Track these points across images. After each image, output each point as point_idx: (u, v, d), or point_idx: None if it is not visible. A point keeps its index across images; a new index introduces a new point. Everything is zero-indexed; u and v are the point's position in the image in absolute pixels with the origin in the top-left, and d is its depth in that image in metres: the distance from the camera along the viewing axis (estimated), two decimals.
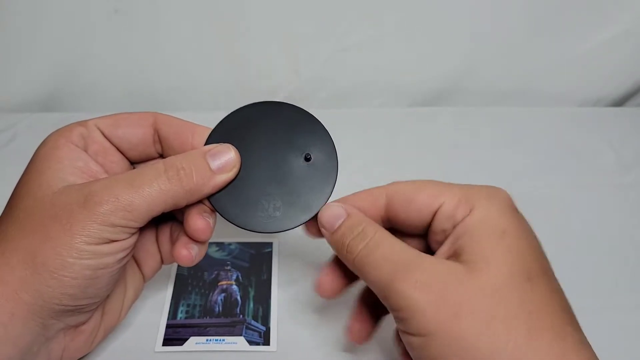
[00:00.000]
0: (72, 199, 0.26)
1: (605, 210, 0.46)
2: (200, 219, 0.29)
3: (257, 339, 0.34)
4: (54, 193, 0.27)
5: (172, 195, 0.27)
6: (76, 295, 0.27)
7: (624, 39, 0.57)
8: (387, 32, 0.57)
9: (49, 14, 0.53)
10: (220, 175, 0.29)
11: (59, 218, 0.26)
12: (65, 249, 0.26)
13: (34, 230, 0.26)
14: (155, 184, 0.27)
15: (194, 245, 0.30)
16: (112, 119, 0.31)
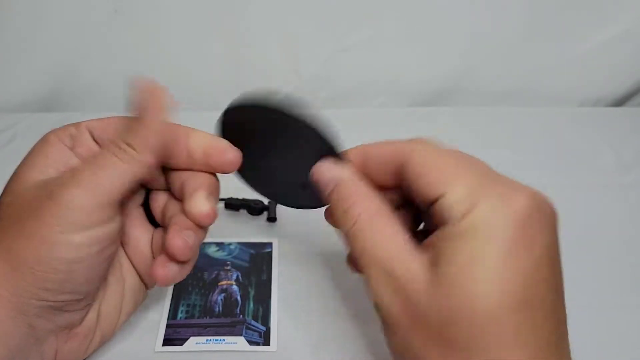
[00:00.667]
0: (43, 192, 0.26)
1: (605, 210, 0.46)
2: (179, 239, 0.28)
3: (257, 339, 0.34)
4: (30, 187, 0.27)
5: (127, 159, 0.27)
6: (54, 290, 0.26)
7: (624, 39, 0.57)
8: (387, 32, 0.57)
9: (49, 14, 0.53)
10: (153, 119, 0.28)
11: (30, 211, 0.26)
12: (38, 242, 0.25)
13: (10, 225, 0.26)
14: (106, 153, 0.27)
15: (172, 265, 0.29)
16: (103, 121, 0.30)
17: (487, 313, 0.22)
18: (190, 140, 0.29)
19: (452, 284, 0.23)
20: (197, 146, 0.29)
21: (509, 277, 0.23)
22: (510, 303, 0.22)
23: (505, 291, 0.23)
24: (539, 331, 0.23)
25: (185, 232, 0.28)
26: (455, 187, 0.25)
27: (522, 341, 0.22)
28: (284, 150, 0.31)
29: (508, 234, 0.23)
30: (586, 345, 0.25)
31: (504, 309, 0.22)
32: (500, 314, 0.22)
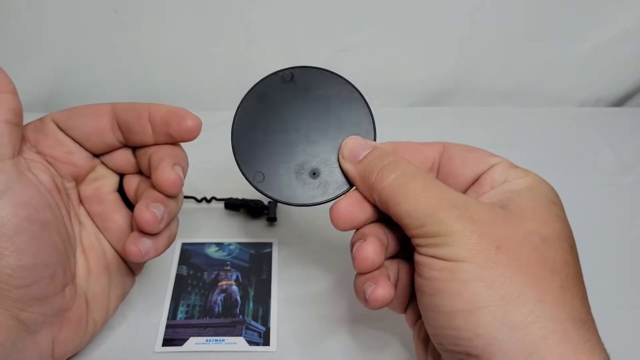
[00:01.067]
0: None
1: (605, 210, 0.46)
2: (146, 211, 0.28)
3: (257, 339, 0.34)
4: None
5: None
6: (13, 271, 0.26)
7: (624, 39, 0.57)
8: (387, 32, 0.57)
9: (49, 14, 0.53)
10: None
11: None
12: None
13: None
14: None
15: (145, 240, 0.29)
16: (67, 111, 0.32)
17: (561, 242, 0.25)
18: (150, 111, 0.30)
19: (534, 218, 0.25)
20: (156, 116, 0.30)
21: (567, 224, 0.27)
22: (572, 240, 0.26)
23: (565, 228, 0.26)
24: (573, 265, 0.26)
25: (152, 204, 0.28)
26: (497, 161, 0.28)
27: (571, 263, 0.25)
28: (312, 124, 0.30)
29: (555, 195, 0.28)
30: None
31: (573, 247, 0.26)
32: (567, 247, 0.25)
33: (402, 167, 0.27)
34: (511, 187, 0.27)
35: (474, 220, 0.24)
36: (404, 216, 0.26)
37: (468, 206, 0.25)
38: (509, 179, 0.28)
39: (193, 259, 0.40)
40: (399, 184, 0.26)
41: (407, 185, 0.26)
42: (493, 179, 0.28)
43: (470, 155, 0.29)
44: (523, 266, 0.24)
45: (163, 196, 0.29)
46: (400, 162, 0.27)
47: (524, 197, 0.26)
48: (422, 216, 0.25)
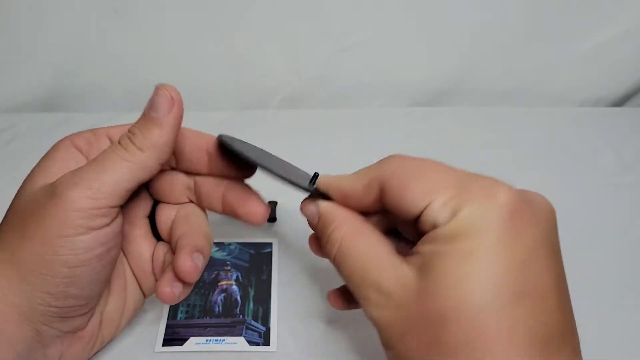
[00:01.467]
0: (44, 193, 0.26)
1: (605, 210, 0.46)
2: (190, 261, 0.28)
3: (257, 339, 0.34)
4: (35, 190, 0.27)
5: (133, 160, 0.27)
6: (58, 295, 0.26)
7: (624, 39, 0.57)
8: (387, 32, 0.57)
9: (49, 14, 0.53)
10: (167, 117, 0.27)
11: (32, 213, 0.26)
12: (40, 245, 0.25)
13: (14, 229, 0.26)
14: (111, 154, 0.27)
15: (178, 284, 0.28)
16: (123, 128, 0.30)
17: (481, 308, 0.21)
18: (209, 143, 0.30)
19: (443, 285, 0.22)
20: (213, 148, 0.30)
21: (501, 269, 0.22)
22: (505, 295, 0.22)
23: (499, 284, 0.22)
24: (539, 323, 0.22)
25: (196, 255, 0.28)
26: (438, 195, 0.24)
27: (520, 336, 0.21)
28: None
29: (495, 226, 0.22)
30: (586, 346, 0.25)
31: (499, 302, 0.21)
32: (495, 309, 0.21)
33: (337, 241, 0.27)
34: (433, 238, 0.23)
35: (388, 306, 0.24)
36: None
37: (383, 288, 0.24)
38: (437, 224, 0.23)
39: None
40: (338, 262, 0.27)
41: (342, 264, 0.26)
42: (424, 227, 0.24)
43: (413, 191, 0.25)
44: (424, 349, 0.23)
45: (204, 244, 0.29)
46: (336, 236, 0.27)
47: (437, 259, 0.23)
48: (357, 297, 0.26)
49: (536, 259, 0.23)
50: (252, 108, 0.60)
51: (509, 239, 0.22)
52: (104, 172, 0.26)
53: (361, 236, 0.27)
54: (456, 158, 0.52)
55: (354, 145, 0.53)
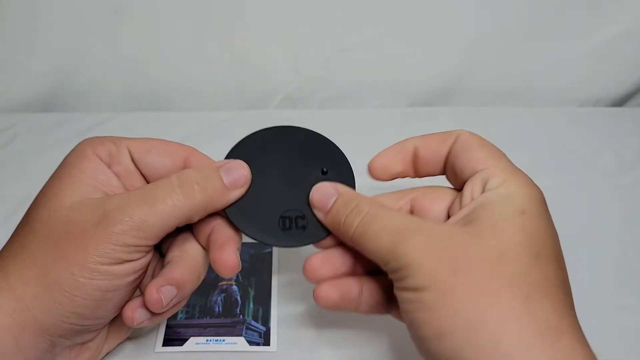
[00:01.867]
0: (87, 217, 0.26)
1: (605, 210, 0.46)
2: (155, 293, 0.27)
3: (257, 339, 0.34)
4: (70, 207, 0.27)
5: (186, 210, 0.27)
6: (86, 315, 0.27)
7: (624, 39, 0.57)
8: (387, 32, 0.57)
9: (49, 14, 0.53)
10: (234, 191, 0.29)
11: (73, 236, 0.26)
12: (77, 269, 0.26)
13: (48, 245, 0.26)
14: (169, 199, 0.27)
15: (142, 310, 0.28)
16: (145, 143, 0.30)
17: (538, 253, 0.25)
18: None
19: (500, 229, 0.25)
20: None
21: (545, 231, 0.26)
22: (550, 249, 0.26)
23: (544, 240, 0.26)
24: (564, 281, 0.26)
25: (165, 288, 0.28)
26: (493, 164, 0.28)
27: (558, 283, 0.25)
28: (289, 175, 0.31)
29: (531, 203, 0.26)
30: None
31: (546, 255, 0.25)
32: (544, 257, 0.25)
33: (365, 210, 0.27)
34: (482, 200, 0.27)
35: (430, 246, 0.25)
36: (373, 258, 0.27)
37: (424, 232, 0.26)
38: (487, 188, 0.27)
39: None
40: (363, 229, 0.27)
41: (369, 229, 0.27)
42: (473, 190, 0.28)
43: (465, 159, 0.29)
44: (482, 286, 0.24)
45: (186, 279, 0.28)
46: (362, 206, 0.28)
47: (489, 212, 0.26)
48: (385, 255, 0.26)
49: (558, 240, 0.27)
50: (252, 108, 0.60)
51: (547, 215, 0.27)
52: (155, 214, 0.26)
53: (388, 207, 0.29)
54: None
55: (354, 145, 0.53)
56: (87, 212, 0.26)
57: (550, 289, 0.24)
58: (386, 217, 0.27)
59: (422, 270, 0.24)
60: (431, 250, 0.25)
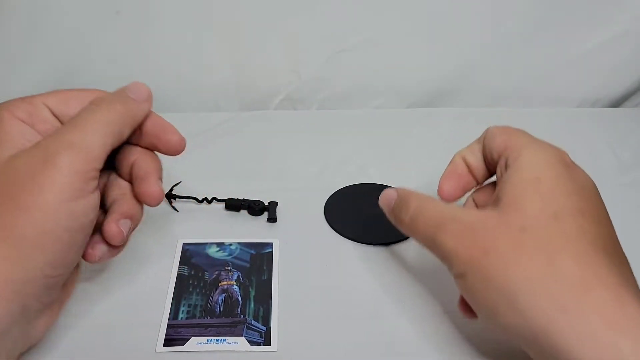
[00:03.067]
0: (30, 159, 0.26)
1: None
2: (115, 226, 0.29)
3: (258, 339, 0.35)
4: (9, 158, 0.27)
5: (114, 123, 0.29)
6: (57, 263, 0.26)
7: (623, 39, 0.57)
8: (387, 32, 0.57)
9: (51, 14, 0.53)
10: (143, 103, 0.31)
11: (23, 183, 0.25)
12: (41, 215, 0.25)
13: (1, 202, 0.25)
14: (97, 117, 0.28)
15: (101, 246, 0.30)
16: (61, 95, 0.30)
17: (554, 217, 0.26)
18: (145, 119, 0.31)
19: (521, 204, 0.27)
20: (148, 126, 0.31)
21: (565, 191, 0.27)
22: (571, 210, 0.27)
23: (564, 201, 0.27)
24: (599, 236, 0.27)
25: (122, 221, 0.29)
26: (513, 142, 0.31)
27: (586, 240, 0.26)
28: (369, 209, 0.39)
29: (555, 164, 0.29)
30: None
31: (568, 213, 0.27)
32: (564, 218, 0.26)
33: (412, 206, 0.31)
34: (505, 178, 0.29)
35: (463, 233, 0.28)
36: (425, 248, 0.31)
37: (457, 221, 0.29)
38: (507, 165, 0.30)
39: (194, 259, 0.40)
40: (410, 224, 0.31)
41: (414, 223, 0.31)
42: (500, 172, 0.31)
43: (492, 146, 0.32)
44: (509, 261, 0.26)
45: (135, 211, 0.30)
46: (410, 204, 0.31)
47: (509, 187, 0.28)
48: (430, 245, 0.30)
49: (589, 193, 0.29)
50: (252, 108, 0.60)
51: (567, 175, 0.29)
52: (92, 135, 0.27)
53: (433, 199, 0.32)
54: None
55: (354, 146, 0.53)
56: (28, 156, 0.26)
57: (569, 244, 0.26)
58: (429, 209, 0.30)
59: (459, 258, 0.27)
60: (464, 238, 0.27)
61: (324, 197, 0.46)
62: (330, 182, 0.48)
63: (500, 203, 0.28)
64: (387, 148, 0.53)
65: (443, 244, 0.28)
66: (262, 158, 0.51)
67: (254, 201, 0.44)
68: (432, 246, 0.30)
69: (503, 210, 0.27)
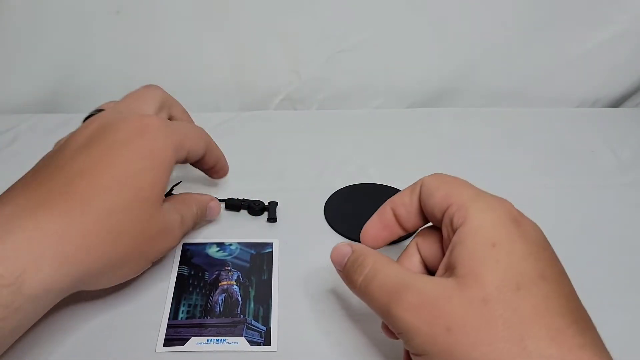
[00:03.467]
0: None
1: (604, 211, 0.46)
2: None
3: (258, 339, 0.35)
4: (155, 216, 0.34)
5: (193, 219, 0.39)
6: None
7: (623, 39, 0.57)
8: (387, 32, 0.57)
9: (51, 15, 0.53)
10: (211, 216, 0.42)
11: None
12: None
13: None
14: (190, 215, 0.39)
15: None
16: (180, 133, 0.37)
17: (517, 288, 0.24)
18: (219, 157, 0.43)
19: (479, 274, 0.25)
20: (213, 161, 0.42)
21: (522, 255, 0.25)
22: (532, 276, 0.25)
23: (525, 267, 0.25)
24: (565, 300, 0.25)
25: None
26: (455, 200, 0.28)
27: (553, 309, 0.24)
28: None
29: (508, 225, 0.26)
30: None
31: (529, 282, 0.25)
32: (527, 287, 0.24)
33: (367, 266, 0.29)
34: (455, 240, 0.27)
35: (421, 307, 0.25)
36: (377, 313, 0.28)
37: (415, 291, 0.26)
38: (455, 226, 0.27)
39: (194, 259, 0.40)
40: (364, 287, 0.29)
41: (369, 287, 0.28)
42: (447, 232, 0.28)
43: (430, 204, 0.29)
44: (476, 341, 0.24)
45: None
46: (365, 263, 0.29)
47: (463, 254, 0.26)
48: (383, 314, 0.27)
49: (544, 252, 0.26)
50: (252, 109, 0.60)
51: (520, 235, 0.26)
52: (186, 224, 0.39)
53: (390, 261, 0.29)
54: (456, 158, 0.52)
55: (354, 146, 0.53)
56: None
57: (540, 317, 0.24)
58: (383, 273, 0.28)
59: (420, 335, 0.25)
60: (423, 312, 0.25)
61: (324, 197, 0.46)
62: (330, 182, 0.48)
63: (456, 272, 0.26)
64: (387, 148, 0.53)
65: (400, 318, 0.26)
66: (262, 158, 0.51)
67: (254, 201, 0.44)
68: (387, 317, 0.27)
69: (462, 281, 0.25)
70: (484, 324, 0.24)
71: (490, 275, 0.25)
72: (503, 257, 0.25)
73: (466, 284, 0.25)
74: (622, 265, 0.41)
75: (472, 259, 0.25)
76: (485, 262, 0.25)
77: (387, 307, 0.26)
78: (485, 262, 0.25)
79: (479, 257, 0.25)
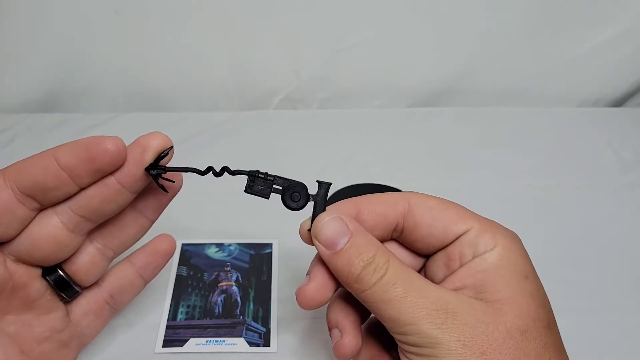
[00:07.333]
0: None
1: (605, 210, 0.46)
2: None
3: (257, 340, 0.34)
4: None
5: None
6: None
7: (624, 39, 0.57)
8: (387, 32, 0.57)
9: (49, 14, 0.53)
10: None
11: None
12: None
13: None
14: None
15: None
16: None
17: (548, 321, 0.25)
18: (56, 156, 0.25)
19: (517, 302, 0.25)
20: (68, 158, 0.25)
21: (542, 297, 0.26)
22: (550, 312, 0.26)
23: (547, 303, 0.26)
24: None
25: None
26: (474, 223, 0.26)
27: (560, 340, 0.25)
28: None
29: (526, 258, 0.26)
30: (586, 346, 0.25)
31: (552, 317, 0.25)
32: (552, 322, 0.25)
33: (383, 267, 0.25)
34: (482, 266, 0.25)
35: (457, 327, 0.24)
36: (386, 320, 0.25)
37: (449, 308, 0.24)
38: (478, 252, 0.26)
39: (193, 260, 0.40)
40: (381, 292, 0.25)
41: (387, 294, 0.24)
42: (462, 253, 0.26)
43: (436, 225, 0.27)
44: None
45: None
46: (379, 262, 0.25)
47: (498, 280, 0.25)
48: (403, 325, 0.24)
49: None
50: (252, 108, 0.60)
51: (535, 275, 0.26)
52: None
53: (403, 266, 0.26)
54: (456, 158, 0.52)
55: (354, 146, 0.53)
56: None
57: (560, 354, 0.25)
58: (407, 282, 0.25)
59: (448, 353, 0.24)
60: (459, 331, 0.24)
61: None
62: (331, 182, 0.47)
63: (488, 296, 0.25)
64: (387, 148, 0.53)
65: (429, 333, 0.24)
66: (262, 158, 0.51)
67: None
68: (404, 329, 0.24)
69: (498, 307, 0.24)
70: (521, 354, 0.24)
71: (527, 307, 0.25)
72: (535, 291, 0.25)
73: (503, 310, 0.25)
74: (623, 266, 0.41)
75: (509, 288, 0.25)
76: (523, 293, 0.25)
77: (413, 322, 0.24)
78: (522, 293, 0.25)
79: (516, 288, 0.25)
